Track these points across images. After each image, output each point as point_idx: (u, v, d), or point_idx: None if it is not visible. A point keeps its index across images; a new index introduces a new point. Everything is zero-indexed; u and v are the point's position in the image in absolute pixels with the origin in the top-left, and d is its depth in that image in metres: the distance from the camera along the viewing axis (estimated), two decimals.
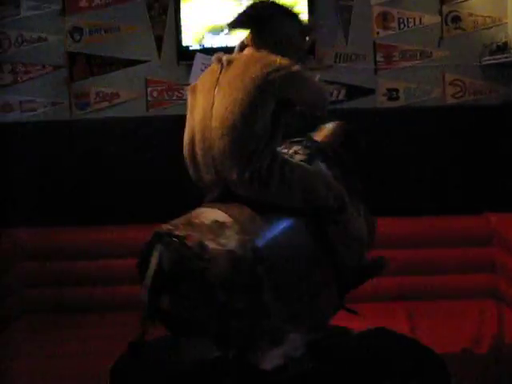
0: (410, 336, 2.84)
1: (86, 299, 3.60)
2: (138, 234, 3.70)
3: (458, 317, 3.28)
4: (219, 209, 2.04)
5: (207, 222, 1.98)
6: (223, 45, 3.71)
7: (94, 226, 3.73)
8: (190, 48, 3.85)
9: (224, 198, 2.09)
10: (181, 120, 2.25)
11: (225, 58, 2.12)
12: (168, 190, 3.83)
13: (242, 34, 2.26)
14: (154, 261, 1.94)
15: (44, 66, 4.01)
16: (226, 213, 2.01)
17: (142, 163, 3.89)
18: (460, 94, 3.98)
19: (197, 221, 2.00)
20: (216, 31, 3.81)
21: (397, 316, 3.29)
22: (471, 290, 3.54)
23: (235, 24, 2.21)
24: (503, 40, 3.85)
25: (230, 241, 1.92)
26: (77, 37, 3.99)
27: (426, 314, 3.33)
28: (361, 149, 2.53)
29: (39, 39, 4.00)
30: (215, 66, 2.14)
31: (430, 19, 3.96)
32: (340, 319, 2.40)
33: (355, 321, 2.45)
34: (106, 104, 4.02)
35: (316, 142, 2.45)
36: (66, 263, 3.64)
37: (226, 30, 2.38)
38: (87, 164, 3.92)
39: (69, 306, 3.60)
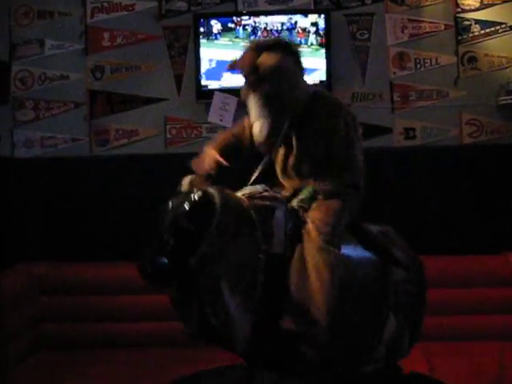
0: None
1: (103, 335, 3.59)
2: None
3: (478, 358, 3.21)
4: None
5: None
6: (241, 84, 3.75)
7: (110, 261, 3.72)
8: (209, 87, 3.91)
9: None
10: None
11: None
12: None
13: None
14: None
15: (65, 103, 4.09)
16: None
17: (159, 200, 3.89)
18: (477, 133, 3.98)
19: None
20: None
21: (415, 356, 3.22)
22: (491, 330, 3.48)
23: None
24: None
25: None
26: (98, 75, 4.07)
27: (445, 354, 3.27)
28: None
29: (61, 77, 4.08)
30: None
31: (447, 59, 4.00)
32: None
33: None
34: (125, 141, 4.07)
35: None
36: (81, 298, 3.63)
37: None
38: (106, 200, 3.94)
39: (85, 342, 3.58)
